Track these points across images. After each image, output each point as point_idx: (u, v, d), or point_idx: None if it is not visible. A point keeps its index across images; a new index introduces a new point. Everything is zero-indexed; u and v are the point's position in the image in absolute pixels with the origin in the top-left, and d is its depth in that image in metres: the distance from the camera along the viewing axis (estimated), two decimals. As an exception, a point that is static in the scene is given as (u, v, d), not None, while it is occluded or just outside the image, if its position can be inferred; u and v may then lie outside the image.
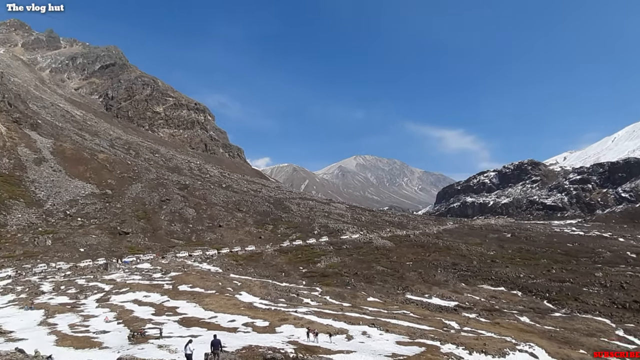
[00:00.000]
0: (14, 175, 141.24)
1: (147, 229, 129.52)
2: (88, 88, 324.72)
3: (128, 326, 41.54)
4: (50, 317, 46.09)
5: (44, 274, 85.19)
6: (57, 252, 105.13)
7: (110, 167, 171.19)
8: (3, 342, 33.41)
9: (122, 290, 64.34)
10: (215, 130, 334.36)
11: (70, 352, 30.58)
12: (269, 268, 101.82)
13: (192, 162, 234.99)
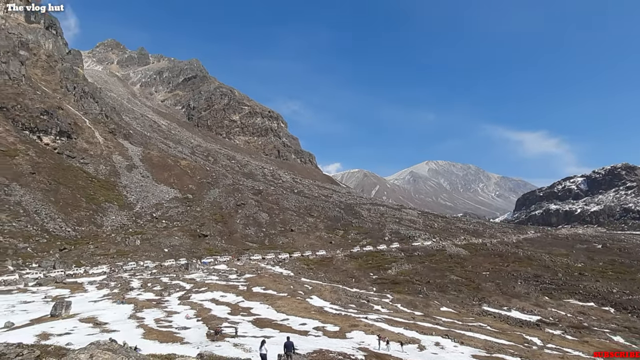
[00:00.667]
0: (110, 180, 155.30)
1: (223, 232, 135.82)
2: (172, 99, 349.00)
3: (206, 324, 43.68)
4: (138, 311, 49.76)
5: (133, 271, 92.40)
6: (144, 251, 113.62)
7: (191, 173, 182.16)
8: (99, 333, 36.65)
9: (201, 290, 67.87)
10: (288, 137, 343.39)
11: (155, 345, 32.74)
12: (340, 273, 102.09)
13: (266, 168, 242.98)
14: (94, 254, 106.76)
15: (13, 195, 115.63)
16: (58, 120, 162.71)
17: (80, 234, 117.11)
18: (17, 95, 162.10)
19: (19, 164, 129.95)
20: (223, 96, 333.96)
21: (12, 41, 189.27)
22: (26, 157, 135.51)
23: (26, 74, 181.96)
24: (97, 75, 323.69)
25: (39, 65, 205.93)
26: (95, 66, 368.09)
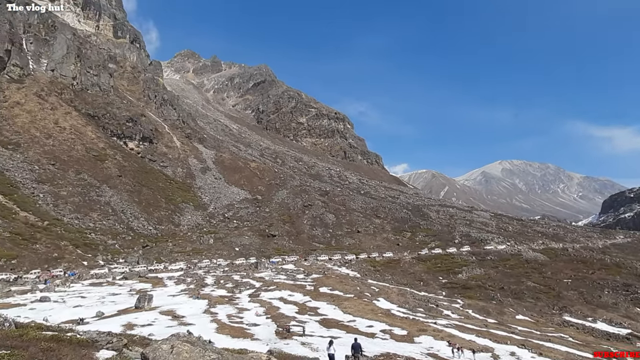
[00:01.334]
0: (186, 182, 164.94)
1: (291, 232, 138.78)
2: (243, 104, 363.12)
3: (275, 321, 44.89)
4: (212, 307, 52.31)
5: (207, 269, 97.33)
6: (217, 250, 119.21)
7: (261, 174, 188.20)
8: (177, 325, 39.03)
9: (269, 288, 69.88)
10: (354, 138, 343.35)
11: (227, 339, 34.23)
12: (407, 276, 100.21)
13: (332, 169, 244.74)
14: (173, 251, 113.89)
15: (103, 196, 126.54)
16: (141, 127, 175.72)
17: (160, 232, 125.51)
18: (106, 104, 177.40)
19: (108, 167, 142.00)
20: (290, 99, 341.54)
21: (103, 56, 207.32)
22: (114, 161, 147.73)
23: (114, 85, 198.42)
24: (175, 83, 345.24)
25: (125, 77, 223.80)
26: (173, 75, 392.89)
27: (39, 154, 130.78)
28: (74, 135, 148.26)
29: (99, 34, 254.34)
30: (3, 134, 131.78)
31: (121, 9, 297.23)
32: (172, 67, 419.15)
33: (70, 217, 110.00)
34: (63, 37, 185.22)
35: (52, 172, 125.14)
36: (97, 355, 14.36)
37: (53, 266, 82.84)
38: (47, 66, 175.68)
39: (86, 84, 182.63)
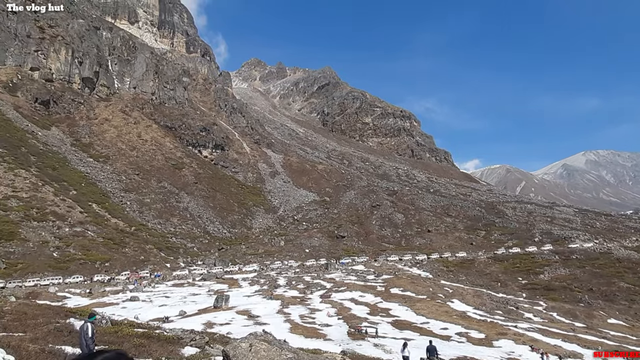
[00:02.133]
0: (256, 186, 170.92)
1: (360, 233, 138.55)
2: (308, 107, 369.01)
3: (347, 322, 45.12)
4: (285, 307, 53.70)
5: (279, 270, 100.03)
6: (288, 251, 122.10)
7: (328, 176, 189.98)
8: (253, 325, 40.58)
9: (340, 289, 70.31)
10: (421, 135, 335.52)
11: (300, 339, 34.99)
12: (483, 276, 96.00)
13: (400, 168, 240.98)
14: (246, 253, 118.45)
15: (182, 202, 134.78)
16: (213, 135, 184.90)
17: (234, 235, 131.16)
18: (182, 116, 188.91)
19: (185, 175, 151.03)
20: (355, 100, 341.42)
21: (177, 70, 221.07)
22: (190, 168, 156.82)
23: (188, 97, 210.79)
24: (243, 92, 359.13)
25: (197, 89, 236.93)
26: (241, 84, 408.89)
27: (125, 165, 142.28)
28: (155, 146, 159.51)
29: (174, 51, 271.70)
30: (95, 149, 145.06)
31: (192, 25, 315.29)
32: (240, 76, 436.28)
33: (154, 223, 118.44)
34: (142, 57, 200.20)
35: (137, 182, 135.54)
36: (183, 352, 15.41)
37: (140, 268, 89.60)
38: (130, 84, 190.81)
39: (164, 98, 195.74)
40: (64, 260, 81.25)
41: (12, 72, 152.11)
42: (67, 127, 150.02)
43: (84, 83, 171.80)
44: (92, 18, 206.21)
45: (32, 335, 14.80)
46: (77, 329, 16.26)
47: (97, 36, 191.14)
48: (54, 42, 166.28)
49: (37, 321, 18.39)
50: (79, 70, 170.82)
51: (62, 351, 12.49)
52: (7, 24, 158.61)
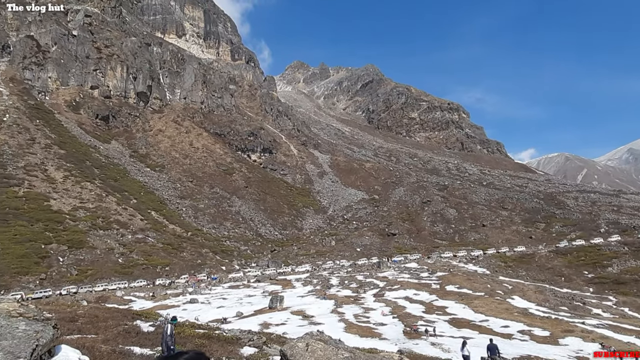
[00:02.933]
0: (305, 187, 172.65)
1: (411, 230, 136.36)
2: (353, 106, 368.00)
3: (402, 321, 44.57)
4: (339, 307, 53.86)
5: (331, 270, 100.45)
6: (339, 251, 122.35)
7: (376, 174, 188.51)
8: (307, 325, 41.03)
9: (394, 287, 69.55)
10: (471, 127, 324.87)
11: (355, 339, 34.97)
12: (544, 271, 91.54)
13: (450, 162, 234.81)
14: (298, 254, 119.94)
15: (234, 206, 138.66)
16: (261, 139, 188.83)
17: (285, 237, 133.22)
18: (230, 122, 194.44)
19: (235, 180, 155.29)
20: (400, 95, 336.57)
21: (224, 79, 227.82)
22: (240, 173, 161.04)
23: (235, 103, 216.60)
24: (288, 95, 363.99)
25: (243, 95, 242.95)
26: (285, 87, 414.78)
27: (180, 172, 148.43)
28: (206, 154, 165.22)
29: (219, 60, 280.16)
30: (151, 158, 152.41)
31: (236, 34, 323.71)
32: (284, 79, 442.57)
33: (208, 227, 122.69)
34: (191, 68, 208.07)
35: (191, 188, 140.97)
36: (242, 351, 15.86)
37: (198, 271, 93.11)
38: (180, 95, 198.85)
39: (212, 106, 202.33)
40: (128, 266, 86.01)
41: (74, 91, 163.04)
42: (126, 140, 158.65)
43: (138, 97, 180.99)
44: (144, 35, 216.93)
45: (103, 337, 15.81)
46: (144, 331, 17.23)
47: (148, 52, 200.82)
48: (110, 61, 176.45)
49: (107, 323, 19.60)
50: (134, 85, 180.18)
51: (131, 351, 13.26)
52: (69, 47, 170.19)
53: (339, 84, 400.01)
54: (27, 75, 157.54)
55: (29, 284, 72.10)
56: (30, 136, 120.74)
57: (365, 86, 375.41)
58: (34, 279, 73.80)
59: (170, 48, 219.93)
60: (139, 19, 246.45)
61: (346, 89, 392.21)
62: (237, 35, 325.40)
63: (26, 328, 11.39)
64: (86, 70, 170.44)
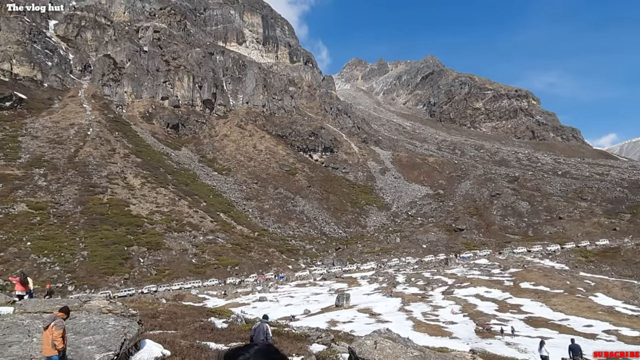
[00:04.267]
0: (367, 185, 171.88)
1: (480, 225, 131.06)
2: (413, 100, 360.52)
3: (473, 320, 43.07)
4: (406, 305, 53.11)
5: (397, 267, 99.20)
6: (404, 248, 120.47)
7: (440, 168, 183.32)
8: (375, 323, 40.92)
9: (463, 285, 67.29)
10: (542, 114, 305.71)
11: (424, 337, 34.34)
12: (632, 266, 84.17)
13: (519, 152, 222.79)
14: (362, 252, 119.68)
15: (297, 206, 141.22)
16: (322, 139, 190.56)
17: (349, 235, 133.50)
18: (291, 123, 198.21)
19: (298, 180, 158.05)
20: (462, 85, 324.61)
21: (283, 81, 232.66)
22: (303, 173, 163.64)
23: (295, 105, 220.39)
24: (347, 93, 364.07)
25: (303, 96, 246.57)
26: (344, 85, 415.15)
27: (245, 175, 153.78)
28: (269, 155, 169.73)
29: (278, 63, 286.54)
30: (218, 162, 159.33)
31: (294, 36, 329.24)
32: (342, 78, 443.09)
33: (274, 227, 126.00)
34: (252, 73, 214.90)
35: (256, 190, 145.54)
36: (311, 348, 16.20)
37: (265, 270, 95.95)
38: (242, 100, 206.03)
39: (273, 109, 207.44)
40: (201, 266, 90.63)
41: (147, 103, 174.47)
42: (194, 146, 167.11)
43: (204, 104, 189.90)
44: (207, 45, 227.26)
45: (182, 333, 16.85)
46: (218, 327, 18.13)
47: (212, 61, 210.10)
48: (178, 72, 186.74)
49: (185, 320, 20.86)
50: (200, 93, 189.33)
51: (207, 346, 14.03)
52: (141, 62, 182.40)
53: (398, 79, 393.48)
54: (106, 91, 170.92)
55: (115, 283, 78.29)
56: (111, 147, 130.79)
57: (426, 78, 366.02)
58: (118, 278, 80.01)
59: (231, 55, 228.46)
60: (202, 30, 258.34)
61: (405, 83, 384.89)
62: (295, 37, 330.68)
63: (115, 323, 12.46)
64: (157, 82, 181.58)
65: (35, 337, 11.08)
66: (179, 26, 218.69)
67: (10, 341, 11.08)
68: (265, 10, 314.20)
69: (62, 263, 78.38)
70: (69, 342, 10.35)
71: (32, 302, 14.59)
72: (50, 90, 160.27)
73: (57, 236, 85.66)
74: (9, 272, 65.90)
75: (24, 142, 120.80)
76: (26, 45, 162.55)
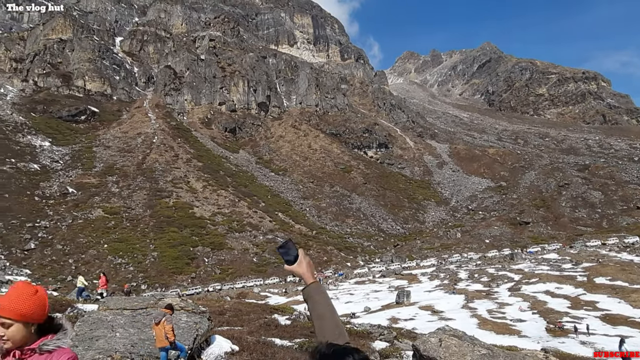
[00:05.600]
0: (424, 180, 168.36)
1: (547, 218, 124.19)
2: (470, 90, 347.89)
3: (543, 317, 41.03)
4: (469, 302, 51.55)
5: (458, 263, 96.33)
6: (466, 243, 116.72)
7: (501, 159, 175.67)
8: (437, 320, 40.13)
9: (531, 281, 64.15)
10: (614, 96, 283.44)
11: (491, 335, 33.20)
12: None
13: (589, 138, 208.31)
14: (422, 248, 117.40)
15: (354, 203, 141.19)
16: (376, 135, 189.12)
17: (407, 231, 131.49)
18: (344, 121, 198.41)
19: (354, 177, 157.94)
20: (523, 71, 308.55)
21: (335, 79, 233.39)
22: (358, 170, 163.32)
23: (348, 102, 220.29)
24: (400, 87, 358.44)
25: (355, 93, 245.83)
26: (396, 80, 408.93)
27: (301, 174, 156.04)
28: (324, 154, 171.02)
29: (330, 62, 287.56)
30: (274, 163, 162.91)
31: (344, 34, 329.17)
32: (395, 72, 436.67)
33: (331, 225, 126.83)
34: (304, 73, 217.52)
35: (312, 189, 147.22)
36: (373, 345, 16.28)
37: (324, 268, 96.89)
38: (296, 100, 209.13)
39: (326, 108, 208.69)
40: (262, 264, 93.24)
41: (206, 109, 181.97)
42: (251, 148, 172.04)
43: (259, 107, 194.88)
44: (259, 49, 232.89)
45: (248, 329, 17.55)
46: (282, 324, 18.70)
47: (265, 64, 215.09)
48: (233, 77, 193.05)
49: (250, 317, 21.66)
50: (254, 97, 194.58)
51: (273, 342, 14.54)
52: (199, 71, 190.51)
53: (452, 69, 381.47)
54: (168, 100, 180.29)
55: (183, 282, 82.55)
56: (174, 153, 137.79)
57: (483, 67, 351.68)
58: (186, 277, 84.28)
59: (283, 57, 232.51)
60: (254, 35, 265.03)
61: (461, 73, 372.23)
62: (345, 35, 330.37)
63: (187, 320, 13.25)
64: (214, 89, 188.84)
65: (117, 332, 12.06)
66: (233, 33, 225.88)
67: (96, 335, 12.15)
68: (314, 11, 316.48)
69: (135, 263, 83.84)
70: (147, 337, 11.20)
71: (113, 299, 15.84)
72: (118, 102, 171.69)
73: (130, 238, 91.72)
74: (90, 272, 71.52)
75: (98, 152, 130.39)
76: (96, 62, 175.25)
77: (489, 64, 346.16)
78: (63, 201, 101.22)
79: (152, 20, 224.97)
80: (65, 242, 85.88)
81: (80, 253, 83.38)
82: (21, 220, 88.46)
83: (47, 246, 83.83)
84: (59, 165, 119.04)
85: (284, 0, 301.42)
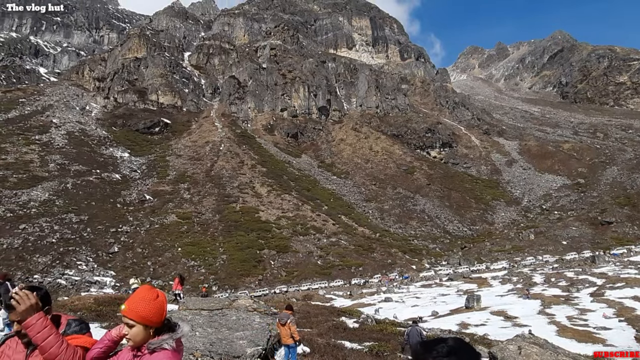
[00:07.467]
0: (492, 179, 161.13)
1: (634, 217, 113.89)
2: (540, 82, 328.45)
3: (632, 325, 37.61)
4: (546, 307, 48.46)
5: (533, 266, 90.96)
6: (540, 245, 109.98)
7: (578, 155, 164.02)
8: (511, 326, 38.19)
9: (616, 285, 59.04)
10: None
11: (572, 344, 31.02)
12: None
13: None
14: (491, 250, 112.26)
15: (418, 205, 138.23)
16: (439, 134, 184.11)
17: (475, 233, 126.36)
18: (405, 122, 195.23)
19: (417, 178, 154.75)
20: (601, 59, 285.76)
21: (395, 80, 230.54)
22: (421, 171, 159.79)
23: (409, 102, 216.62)
24: (463, 83, 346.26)
25: (416, 92, 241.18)
26: (460, 76, 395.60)
27: (363, 177, 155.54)
28: (386, 156, 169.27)
29: (389, 62, 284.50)
30: (336, 167, 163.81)
31: (403, 33, 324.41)
32: (457, 68, 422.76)
33: (395, 227, 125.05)
34: (363, 75, 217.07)
35: (375, 191, 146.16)
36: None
37: (389, 271, 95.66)
38: (356, 103, 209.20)
39: (386, 109, 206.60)
40: (326, 267, 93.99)
41: (268, 116, 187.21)
42: (313, 153, 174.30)
43: (320, 112, 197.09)
44: (319, 54, 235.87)
45: (317, 331, 17.86)
46: (350, 327, 18.82)
47: (324, 69, 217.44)
48: (294, 83, 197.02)
49: (318, 319, 22.00)
50: (315, 102, 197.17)
51: (342, 345, 14.69)
52: (261, 79, 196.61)
53: (520, 62, 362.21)
54: (233, 109, 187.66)
55: (250, 284, 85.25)
56: (240, 159, 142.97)
57: (554, 57, 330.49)
58: (253, 280, 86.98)
59: (342, 61, 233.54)
60: (313, 41, 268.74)
61: (530, 65, 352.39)
62: (404, 34, 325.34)
63: (260, 320, 13.77)
64: (276, 96, 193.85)
65: (197, 331, 12.79)
66: (292, 40, 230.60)
67: (178, 334, 13.00)
68: (372, 12, 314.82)
69: (206, 266, 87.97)
70: (224, 337, 11.79)
71: (192, 300, 16.83)
72: (188, 113, 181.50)
73: (201, 242, 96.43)
74: (166, 274, 76.16)
75: (171, 161, 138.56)
76: (168, 77, 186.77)
77: (561, 53, 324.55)
78: (141, 208, 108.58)
79: (216, 33, 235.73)
80: (144, 246, 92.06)
81: (157, 256, 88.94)
82: (106, 225, 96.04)
83: (129, 249, 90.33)
84: (137, 175, 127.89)
85: (342, 4, 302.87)
